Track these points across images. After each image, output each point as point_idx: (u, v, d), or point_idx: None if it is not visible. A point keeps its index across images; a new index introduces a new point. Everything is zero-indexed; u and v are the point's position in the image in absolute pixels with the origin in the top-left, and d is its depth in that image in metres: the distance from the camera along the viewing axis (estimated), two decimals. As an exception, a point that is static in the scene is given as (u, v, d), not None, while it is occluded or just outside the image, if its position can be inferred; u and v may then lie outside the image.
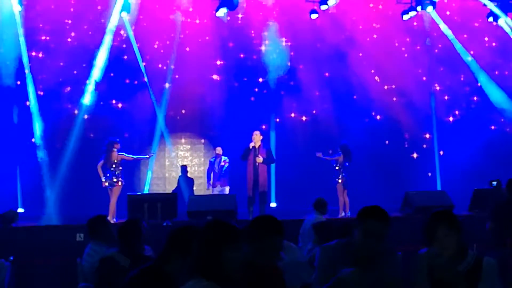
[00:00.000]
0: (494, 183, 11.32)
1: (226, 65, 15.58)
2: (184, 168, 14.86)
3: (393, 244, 4.46)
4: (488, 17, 15.35)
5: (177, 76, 15.15)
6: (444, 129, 16.05)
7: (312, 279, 4.67)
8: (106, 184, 11.50)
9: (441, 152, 15.84)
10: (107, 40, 14.31)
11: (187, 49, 15.36)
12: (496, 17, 15.31)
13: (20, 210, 13.16)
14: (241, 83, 15.56)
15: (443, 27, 15.69)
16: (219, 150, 13.38)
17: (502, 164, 14.28)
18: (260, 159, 11.79)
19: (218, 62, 15.53)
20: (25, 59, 14.00)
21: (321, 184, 13.82)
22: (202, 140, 15.57)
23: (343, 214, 12.23)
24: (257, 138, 11.93)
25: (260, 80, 15.68)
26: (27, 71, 13.99)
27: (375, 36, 16.11)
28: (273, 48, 15.54)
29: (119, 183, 11.47)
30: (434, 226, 3.92)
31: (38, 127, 13.99)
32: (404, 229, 9.21)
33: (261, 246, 3.79)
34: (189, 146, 15.57)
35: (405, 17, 15.26)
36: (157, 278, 3.48)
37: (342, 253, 3.95)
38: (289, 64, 15.66)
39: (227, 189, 13.15)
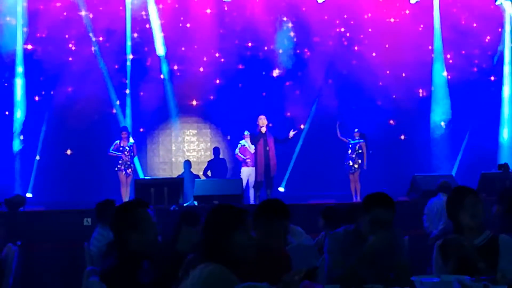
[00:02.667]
0: (502, 166, 11.27)
1: (232, 52, 15.49)
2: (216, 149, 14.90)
3: (400, 229, 4.45)
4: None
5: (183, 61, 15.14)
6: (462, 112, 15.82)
7: (319, 263, 4.68)
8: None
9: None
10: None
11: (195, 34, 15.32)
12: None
13: (29, 195, 13.22)
14: (248, 68, 15.45)
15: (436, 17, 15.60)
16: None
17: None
18: (291, 133, 11.95)
19: (224, 44, 15.45)
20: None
21: (331, 171, 13.83)
22: (209, 125, 15.55)
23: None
24: (262, 122, 11.87)
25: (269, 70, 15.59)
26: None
27: (390, 19, 15.91)
28: (281, 35, 15.44)
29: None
30: (462, 196, 3.96)
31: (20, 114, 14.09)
32: (411, 213, 9.18)
33: (268, 230, 3.79)
34: (196, 131, 15.56)
35: (412, 0, 15.16)
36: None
37: (351, 240, 3.95)
38: (297, 50, 15.58)
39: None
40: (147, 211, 3.53)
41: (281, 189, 14.44)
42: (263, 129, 11.74)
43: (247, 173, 12.59)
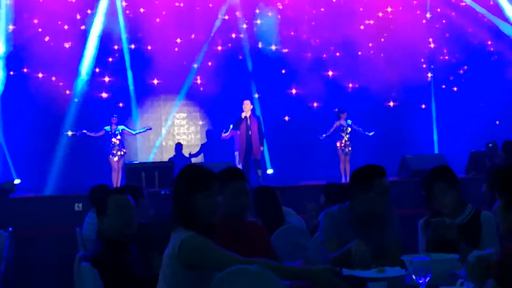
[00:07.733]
0: (490, 145, 11.34)
1: (222, 34, 15.38)
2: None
3: (393, 205, 4.45)
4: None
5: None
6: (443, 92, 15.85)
7: (309, 245, 4.71)
8: None
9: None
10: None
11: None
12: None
13: (17, 181, 13.14)
14: (238, 51, 15.36)
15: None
16: None
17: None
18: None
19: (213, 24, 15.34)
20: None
21: (317, 150, 13.83)
22: (199, 109, 15.49)
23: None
24: (247, 107, 12.02)
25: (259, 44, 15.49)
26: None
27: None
28: (267, 16, 15.36)
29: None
30: (432, 184, 3.93)
31: None
32: (401, 193, 9.22)
33: (228, 193, 3.80)
34: (185, 115, 15.50)
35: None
36: None
37: (345, 218, 3.95)
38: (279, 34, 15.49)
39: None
40: (122, 197, 3.59)
41: (270, 171, 14.44)
42: (243, 114, 11.97)
43: None
